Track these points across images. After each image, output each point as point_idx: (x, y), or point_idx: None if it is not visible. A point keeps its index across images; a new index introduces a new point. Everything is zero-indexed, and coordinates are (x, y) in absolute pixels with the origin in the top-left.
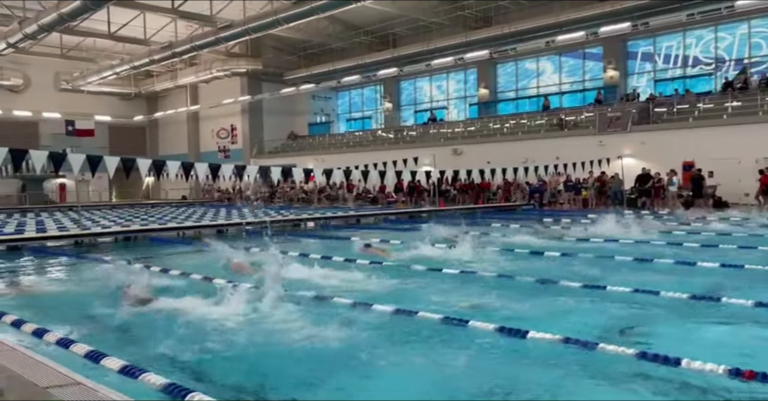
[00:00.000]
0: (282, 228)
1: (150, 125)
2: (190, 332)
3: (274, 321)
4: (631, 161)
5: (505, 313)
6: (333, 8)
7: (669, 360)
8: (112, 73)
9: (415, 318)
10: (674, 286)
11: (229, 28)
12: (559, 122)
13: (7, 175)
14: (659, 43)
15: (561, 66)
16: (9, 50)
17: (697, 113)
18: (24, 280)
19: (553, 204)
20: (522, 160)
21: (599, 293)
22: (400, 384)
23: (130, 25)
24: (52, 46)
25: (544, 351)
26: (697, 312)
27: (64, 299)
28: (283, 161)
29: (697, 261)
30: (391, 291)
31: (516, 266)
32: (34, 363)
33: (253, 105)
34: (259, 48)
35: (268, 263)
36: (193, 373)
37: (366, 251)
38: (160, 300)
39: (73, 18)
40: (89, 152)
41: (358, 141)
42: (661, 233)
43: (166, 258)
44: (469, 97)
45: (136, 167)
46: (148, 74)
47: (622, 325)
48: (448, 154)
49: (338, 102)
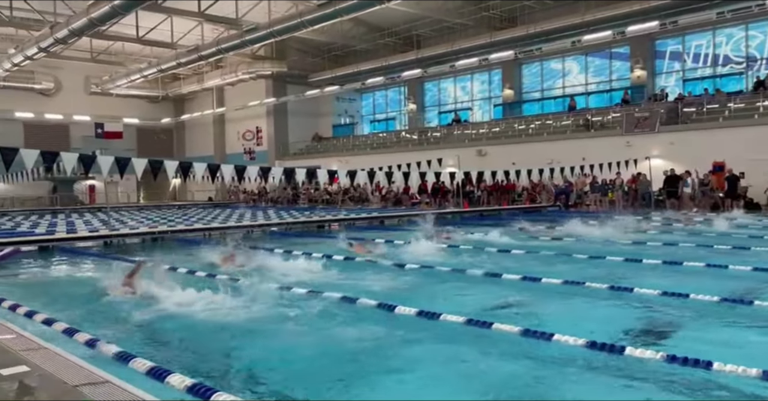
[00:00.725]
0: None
1: (177, 127)
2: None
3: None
4: (659, 161)
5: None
6: (357, 10)
7: (699, 364)
8: (140, 77)
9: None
10: (705, 289)
11: (255, 31)
12: (586, 122)
13: (39, 177)
14: (688, 42)
15: (587, 66)
16: (41, 55)
17: (727, 112)
18: (54, 279)
19: (579, 206)
20: (547, 161)
21: (626, 295)
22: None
23: (157, 29)
24: (82, 50)
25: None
26: (728, 315)
27: (90, 298)
28: (308, 162)
29: (729, 264)
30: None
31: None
32: (64, 361)
33: (277, 107)
34: (283, 50)
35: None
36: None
37: (352, 248)
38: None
39: (102, 22)
40: (118, 154)
41: (382, 142)
42: (691, 234)
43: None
44: (494, 98)
45: (164, 168)
46: (175, 77)
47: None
48: (473, 155)
49: (362, 103)
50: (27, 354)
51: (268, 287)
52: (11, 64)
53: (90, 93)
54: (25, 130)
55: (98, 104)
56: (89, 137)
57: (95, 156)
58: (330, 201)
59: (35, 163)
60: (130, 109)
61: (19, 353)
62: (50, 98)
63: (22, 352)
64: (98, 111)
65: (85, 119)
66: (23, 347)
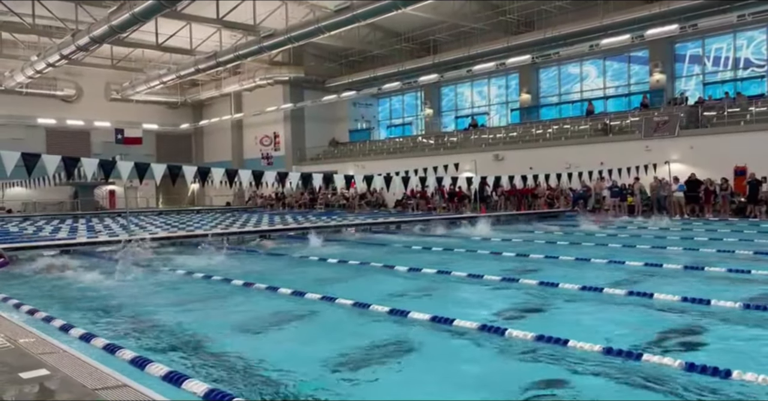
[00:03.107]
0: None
1: (195, 133)
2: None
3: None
4: (679, 166)
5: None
6: (374, 16)
7: (718, 372)
8: (160, 83)
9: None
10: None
11: (272, 37)
12: (604, 126)
13: (61, 182)
14: (708, 45)
15: (605, 70)
16: (62, 62)
17: (749, 116)
18: (73, 284)
19: (597, 210)
20: (565, 165)
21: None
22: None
23: (176, 35)
24: (102, 57)
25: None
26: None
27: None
28: (325, 167)
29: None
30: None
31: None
32: (82, 364)
33: (295, 112)
34: (301, 56)
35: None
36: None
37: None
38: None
39: (122, 30)
40: (137, 159)
41: (399, 147)
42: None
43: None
44: (511, 103)
45: (182, 174)
46: (194, 83)
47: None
48: (490, 160)
49: (379, 108)
50: (46, 357)
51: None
52: (34, 71)
53: (110, 99)
54: (47, 136)
55: (118, 110)
56: (109, 142)
57: (115, 162)
58: (346, 206)
59: (57, 168)
60: (149, 115)
61: (38, 356)
62: (72, 105)
63: (41, 355)
64: (118, 117)
65: (105, 125)
66: (42, 350)
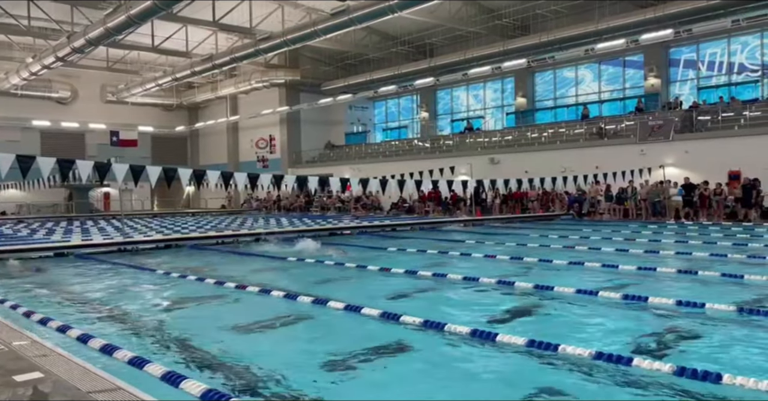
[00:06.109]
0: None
1: (191, 136)
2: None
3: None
4: (673, 170)
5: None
6: (370, 19)
7: (709, 376)
8: (155, 85)
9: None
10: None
11: (268, 40)
12: (599, 130)
13: (55, 184)
14: (703, 50)
15: (600, 74)
16: (58, 64)
17: (743, 120)
18: (68, 286)
19: (592, 214)
20: (561, 169)
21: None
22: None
23: (172, 38)
24: (98, 59)
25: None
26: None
27: (105, 305)
28: (320, 170)
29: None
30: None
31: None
32: (77, 367)
33: (291, 115)
34: (297, 59)
35: None
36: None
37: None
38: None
39: (118, 32)
40: (132, 161)
41: (395, 151)
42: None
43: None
44: (507, 107)
45: (178, 176)
46: (190, 86)
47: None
48: (485, 163)
49: (375, 112)
50: (40, 360)
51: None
52: (29, 73)
53: (105, 101)
54: (42, 138)
55: (113, 113)
56: (104, 145)
57: (110, 164)
58: (342, 209)
59: (51, 170)
60: (144, 117)
61: (32, 359)
62: (67, 107)
63: (36, 358)
64: (113, 119)
65: (100, 127)
66: (37, 353)
